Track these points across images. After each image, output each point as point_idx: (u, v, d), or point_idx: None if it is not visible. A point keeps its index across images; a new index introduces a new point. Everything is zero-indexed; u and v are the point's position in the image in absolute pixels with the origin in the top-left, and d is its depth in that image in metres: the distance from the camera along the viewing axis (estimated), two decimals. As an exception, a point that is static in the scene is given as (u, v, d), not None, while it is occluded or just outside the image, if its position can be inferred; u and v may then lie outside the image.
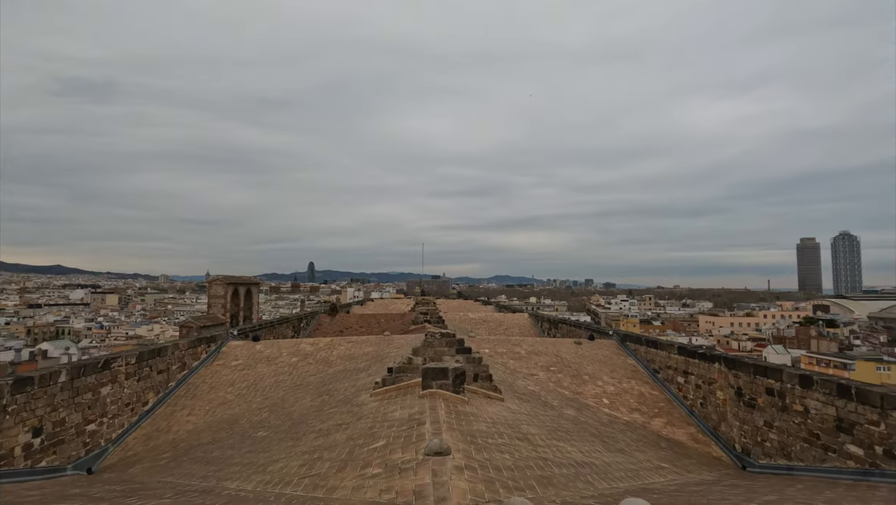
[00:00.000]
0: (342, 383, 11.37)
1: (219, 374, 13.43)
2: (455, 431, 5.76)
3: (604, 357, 15.15)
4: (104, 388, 9.91)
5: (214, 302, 24.20)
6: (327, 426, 7.59)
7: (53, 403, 8.59)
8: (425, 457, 4.60)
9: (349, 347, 15.09)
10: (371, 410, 7.75)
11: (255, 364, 14.01)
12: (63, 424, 8.82)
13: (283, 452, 6.76)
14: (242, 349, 15.09)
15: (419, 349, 9.49)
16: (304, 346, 15.28)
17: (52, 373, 8.62)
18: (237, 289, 24.73)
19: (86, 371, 9.45)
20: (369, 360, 13.52)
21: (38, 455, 8.29)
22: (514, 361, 14.44)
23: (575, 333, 21.13)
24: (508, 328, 27.23)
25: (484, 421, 6.81)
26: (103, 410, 9.90)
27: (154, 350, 11.83)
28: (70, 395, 9.00)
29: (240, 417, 10.49)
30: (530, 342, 16.38)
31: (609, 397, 12.34)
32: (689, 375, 12.13)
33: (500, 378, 11.02)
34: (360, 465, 5.02)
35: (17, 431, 7.81)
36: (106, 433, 9.95)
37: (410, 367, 9.11)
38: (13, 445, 7.78)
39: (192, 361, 13.46)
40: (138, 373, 11.06)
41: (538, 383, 12.51)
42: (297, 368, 13.58)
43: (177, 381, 12.54)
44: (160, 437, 10.48)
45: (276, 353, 14.72)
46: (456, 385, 7.83)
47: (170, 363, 12.35)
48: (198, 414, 11.30)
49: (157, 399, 11.64)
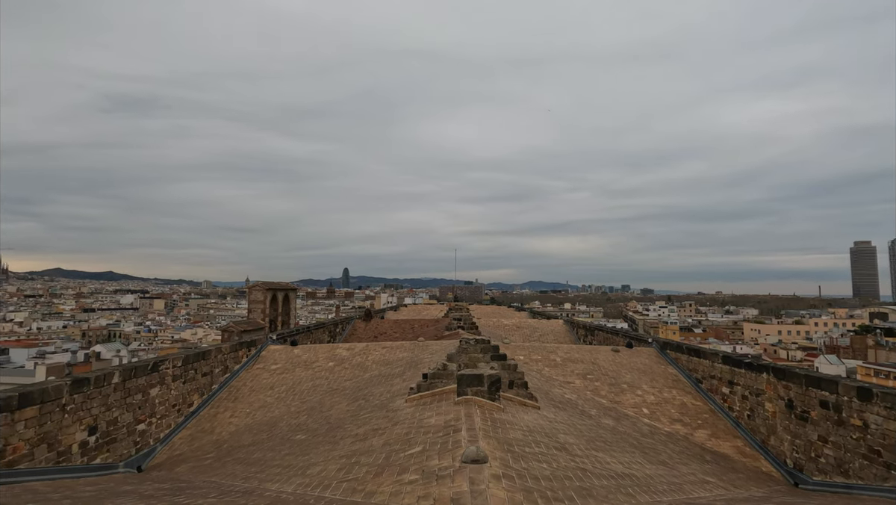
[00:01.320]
0: (377, 388, 11.48)
1: (259, 377, 13.82)
2: (491, 438, 5.72)
3: (643, 365, 14.72)
4: (153, 389, 10.36)
5: (254, 307, 24.96)
6: (364, 431, 7.67)
7: (107, 403, 9.04)
8: (462, 464, 4.58)
9: (384, 353, 15.23)
10: (406, 416, 7.79)
11: (293, 368, 14.33)
12: (116, 424, 9.27)
13: (321, 456, 6.87)
14: (281, 353, 15.48)
15: (454, 355, 9.48)
16: (340, 351, 15.53)
17: (106, 374, 9.09)
18: (276, 294, 25.43)
19: (136, 373, 9.91)
20: (404, 365, 13.60)
21: (93, 452, 8.73)
22: (549, 368, 14.23)
23: (612, 340, 20.63)
24: (543, 335, 26.86)
25: (520, 429, 6.72)
26: (152, 410, 10.34)
27: (199, 353, 12.29)
28: (122, 395, 9.45)
29: (279, 420, 10.74)
30: (566, 349, 16.11)
31: (649, 407, 11.97)
32: (735, 386, 11.62)
33: (535, 386, 10.87)
34: (397, 470, 5.05)
35: (74, 428, 8.26)
36: (154, 433, 10.39)
37: (445, 373, 9.11)
38: (71, 443, 8.22)
39: (234, 365, 13.90)
40: (184, 375, 11.51)
41: (575, 392, 12.27)
42: (334, 373, 13.81)
43: (219, 383, 12.98)
44: (204, 437, 10.85)
45: (314, 357, 15.02)
46: (491, 392, 7.77)
47: (213, 366, 12.80)
48: (239, 416, 11.64)
49: (201, 401, 12.07)
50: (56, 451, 7.91)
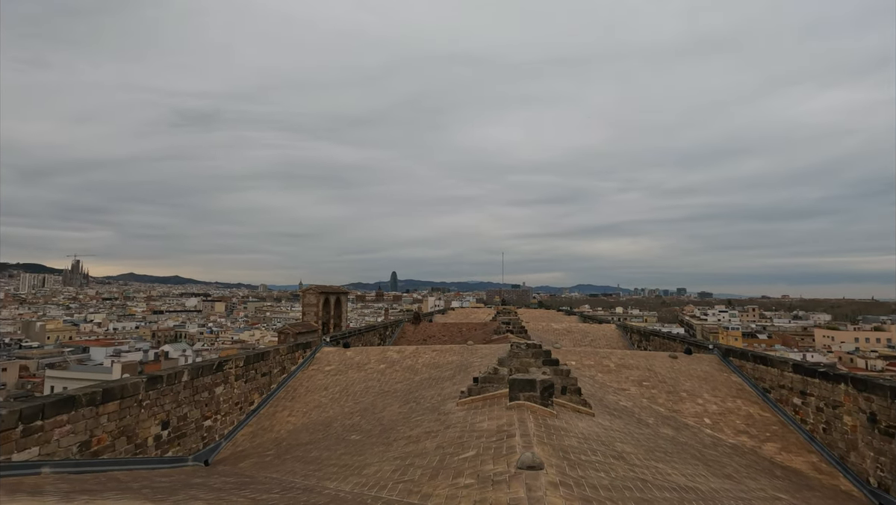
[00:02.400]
0: (428, 391, 11.58)
1: (314, 378, 14.29)
2: (546, 445, 5.63)
3: (704, 373, 14.02)
4: (218, 387, 10.95)
5: (308, 310, 25.81)
6: (416, 433, 7.76)
7: (178, 400, 9.64)
8: (517, 470, 4.53)
9: (433, 356, 15.35)
10: (458, 420, 7.80)
11: (346, 370, 14.72)
12: (185, 419, 9.87)
13: (375, 457, 7.01)
14: (334, 355, 15.93)
15: (505, 360, 9.42)
16: (390, 353, 15.80)
17: (176, 372, 9.70)
18: (328, 298, 26.19)
19: (203, 372, 10.51)
20: (453, 369, 13.65)
21: (166, 446, 9.33)
22: (602, 374, 13.84)
23: (669, 346, 19.80)
24: (594, 340, 26.17)
25: (575, 436, 6.58)
26: (217, 407, 10.93)
27: (258, 354, 12.88)
28: (191, 393, 10.06)
29: (334, 420, 11.06)
30: (620, 355, 15.61)
31: (711, 417, 11.39)
32: (808, 397, 10.84)
33: (588, 392, 10.60)
34: (451, 474, 5.07)
35: (149, 423, 8.87)
36: (219, 429, 10.97)
37: (496, 377, 9.07)
38: (146, 436, 8.83)
39: (291, 366, 14.45)
40: (245, 375, 12.09)
41: (630, 399, 11.86)
42: (385, 375, 14.06)
43: (278, 383, 13.53)
44: (264, 435, 11.34)
45: (365, 359, 15.36)
46: (544, 398, 7.66)
47: (272, 367, 13.36)
48: (296, 415, 12.08)
49: (261, 400, 12.63)
50: (134, 443, 8.51)
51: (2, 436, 6.29)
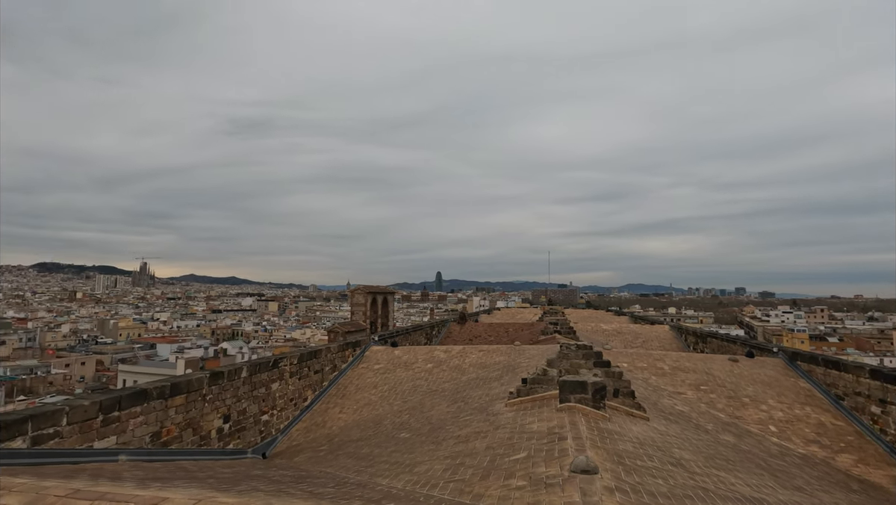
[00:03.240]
0: (476, 391, 11.58)
1: (363, 376, 14.61)
2: (599, 448, 5.50)
3: (768, 378, 13.23)
4: (274, 384, 11.42)
5: (356, 309, 26.42)
6: (465, 433, 7.78)
7: (238, 395, 10.13)
8: (571, 474, 4.45)
9: (480, 356, 15.32)
10: (508, 421, 7.75)
11: (394, 369, 14.95)
12: (244, 414, 10.35)
13: (425, 455, 7.08)
14: (383, 354, 16.22)
15: (554, 361, 9.27)
16: (437, 353, 15.91)
17: (236, 369, 10.20)
18: (375, 298, 26.70)
19: (260, 369, 10.98)
20: (501, 369, 13.57)
21: (227, 438, 9.82)
22: (656, 377, 13.34)
23: (728, 348, 18.82)
24: (646, 341, 25.27)
25: (629, 441, 6.38)
26: (273, 403, 11.39)
27: (311, 352, 13.31)
28: (249, 388, 10.54)
29: (383, 418, 11.26)
30: (674, 357, 14.99)
31: (777, 424, 10.73)
32: (889, 405, 10.00)
33: (642, 395, 10.25)
34: (503, 475, 5.04)
35: (213, 416, 9.37)
36: (276, 424, 11.43)
37: (545, 378, 8.94)
38: (210, 429, 9.33)
39: (341, 364, 14.84)
40: (299, 372, 12.53)
41: (687, 403, 11.37)
42: (433, 374, 14.17)
43: (329, 381, 13.94)
44: (317, 430, 11.71)
45: (413, 358, 15.54)
46: (596, 400, 7.47)
47: (323, 364, 13.78)
48: (347, 412, 12.40)
49: (314, 396, 13.06)
50: (199, 435, 9.02)
51: (85, 425, 6.83)
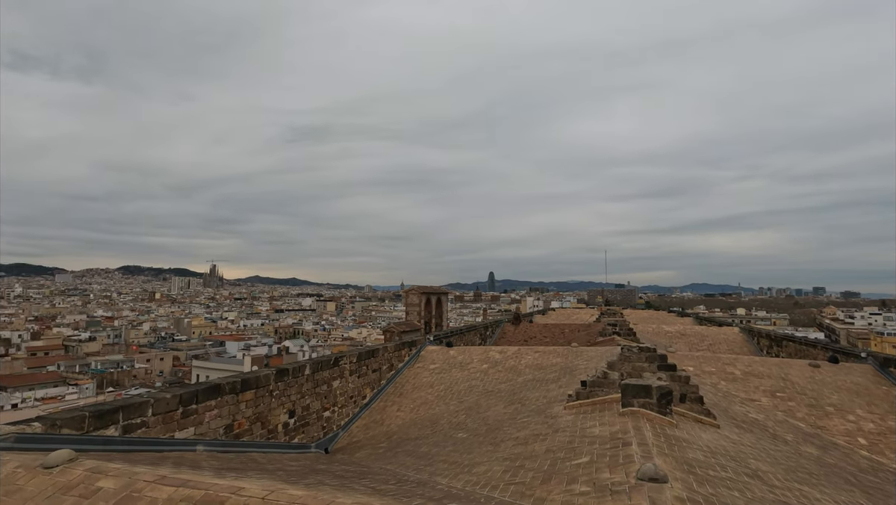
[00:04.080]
0: (533, 393, 11.42)
1: (419, 375, 14.80)
2: (667, 456, 5.26)
3: (854, 385, 12.14)
4: (335, 381, 11.81)
5: (411, 309, 26.81)
6: (524, 435, 7.69)
7: (301, 392, 10.57)
8: (638, 481, 4.28)
9: (536, 357, 15.10)
10: (567, 424, 7.59)
11: (449, 369, 15.04)
12: (308, 410, 10.78)
13: (484, 456, 7.06)
14: (438, 354, 16.36)
15: (615, 363, 8.97)
16: (492, 353, 15.84)
17: (300, 366, 10.64)
18: (429, 298, 26.96)
19: (322, 367, 11.40)
20: (558, 371, 13.31)
21: (292, 433, 10.26)
22: (726, 382, 12.59)
23: (808, 353, 17.44)
24: (713, 344, 23.92)
25: (699, 449, 6.06)
26: (334, 400, 11.78)
27: (369, 351, 13.66)
28: (312, 385, 10.96)
29: (440, 418, 11.36)
30: (746, 361, 14.08)
31: (867, 437, 9.81)
32: None
33: (711, 401, 9.70)
34: (565, 479, 4.94)
35: (279, 411, 9.83)
36: (336, 420, 11.82)
37: (606, 381, 8.67)
38: (276, 423, 9.79)
39: (398, 363, 15.12)
40: (358, 370, 12.89)
41: (761, 411, 10.64)
42: (488, 375, 14.12)
43: (387, 379, 14.24)
44: (376, 428, 11.99)
45: (468, 359, 15.56)
46: (661, 405, 7.16)
47: (381, 363, 14.10)
48: (405, 411, 12.61)
49: (372, 394, 13.38)
50: (267, 428, 9.49)
51: (167, 416, 7.37)
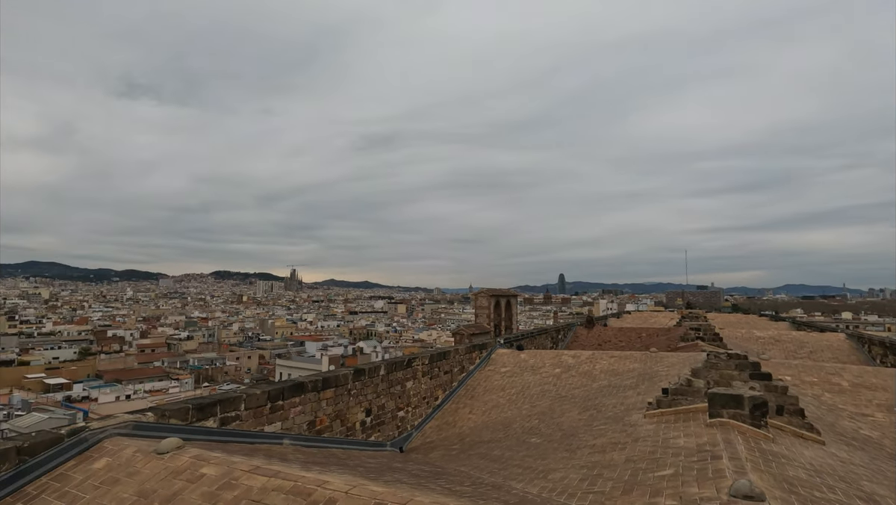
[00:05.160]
0: (609, 399, 11.00)
1: (490, 378, 14.77)
2: (764, 473, 4.85)
3: None
4: (408, 382, 12.10)
5: (480, 312, 26.80)
6: (601, 443, 7.43)
7: (377, 391, 10.94)
8: (731, 498, 4.00)
9: (612, 362, 14.54)
10: (648, 433, 7.23)
11: (521, 372, 14.87)
12: (383, 409, 11.13)
13: (559, 463, 6.91)
14: (509, 357, 16.24)
15: (699, 370, 8.43)
16: (565, 357, 15.46)
17: (376, 367, 11.02)
18: (498, 301, 26.81)
19: (396, 367, 11.73)
20: (636, 377, 12.72)
21: (369, 431, 10.64)
22: (830, 394, 11.39)
23: (932, 363, 15.32)
24: (815, 351, 21.70)
25: (801, 466, 5.53)
26: (408, 400, 12.07)
27: (440, 353, 13.85)
28: (386, 386, 11.31)
29: (512, 421, 11.26)
30: (856, 371, 12.64)
31: None
32: None
33: (813, 415, 8.81)
34: (648, 491, 4.72)
35: (357, 410, 10.24)
36: (410, 420, 12.10)
37: (690, 389, 8.16)
38: (354, 421, 10.20)
39: (469, 365, 15.19)
40: (430, 372, 13.11)
41: (877, 427, 9.50)
42: (561, 380, 13.80)
43: (458, 381, 14.35)
44: (449, 429, 12.13)
45: (540, 363, 15.30)
46: (755, 417, 6.62)
47: (452, 366, 14.24)
48: (476, 413, 12.64)
49: (444, 396, 13.56)
50: (345, 426, 9.92)
51: (257, 411, 7.93)
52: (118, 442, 5.45)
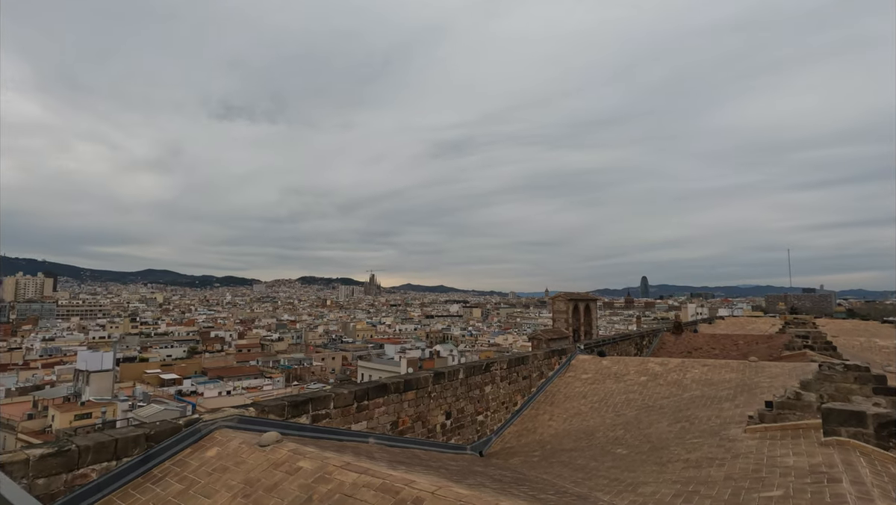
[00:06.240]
0: (702, 411, 10.27)
1: (571, 385, 14.36)
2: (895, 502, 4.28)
3: None
4: (487, 386, 12.11)
5: (557, 317, 26.18)
6: (695, 457, 6.96)
7: (456, 395, 11.05)
8: (855, 527, 3.58)
9: (705, 371, 13.55)
10: (749, 449, 6.66)
11: (603, 379, 14.32)
12: (462, 412, 11.22)
13: (649, 476, 6.57)
14: (590, 363, 15.70)
15: (811, 383, 7.62)
16: (651, 365, 14.66)
17: (454, 370, 11.16)
18: (577, 305, 26.04)
19: (474, 371, 11.78)
20: (733, 388, 11.76)
21: (449, 433, 10.78)
22: (980, 414, 9.76)
23: None
24: (955, 364, 18.72)
25: (944, 497, 4.81)
26: (486, 405, 12.07)
27: (519, 358, 13.70)
28: (465, 389, 11.39)
29: (595, 430, 10.86)
30: None
31: None
32: None
33: (957, 437, 7.62)
34: (753, 513, 4.35)
35: (437, 412, 10.42)
36: (489, 424, 12.08)
37: (799, 404, 7.41)
38: (435, 423, 10.39)
39: (548, 371, 14.88)
40: (509, 377, 13.02)
41: None
42: (647, 388, 13.10)
43: (537, 387, 14.11)
44: (528, 435, 11.95)
45: (623, 370, 14.63)
46: (881, 437, 5.87)
47: (531, 371, 14.03)
48: (557, 421, 12.34)
49: (523, 401, 13.39)
50: (426, 427, 10.12)
51: (345, 410, 8.35)
52: (226, 434, 5.99)
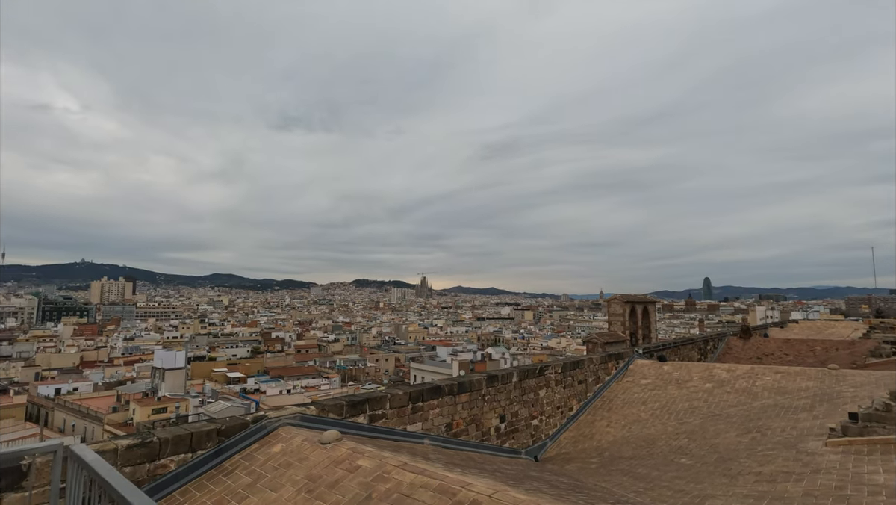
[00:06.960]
0: (776, 421, 9.61)
1: (630, 390, 13.86)
2: None
3: None
4: (541, 390, 11.92)
5: (614, 320, 25.37)
6: (769, 471, 6.52)
7: (510, 398, 10.97)
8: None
9: (777, 379, 12.67)
10: (831, 465, 6.17)
11: (664, 385, 13.72)
12: (516, 416, 11.11)
13: (717, 489, 6.23)
14: (649, 368, 15.09)
15: (902, 394, 6.95)
16: (717, 371, 13.88)
17: (508, 374, 11.07)
18: (634, 307, 25.13)
19: (528, 375, 11.64)
20: (810, 397, 10.92)
21: (503, 437, 10.70)
22: None
23: None
24: None
25: None
26: (541, 409, 11.89)
27: (574, 362, 13.40)
28: (519, 393, 11.28)
29: (657, 438, 10.42)
30: None
31: None
32: None
33: None
34: (837, 533, 4.03)
35: (491, 415, 10.38)
36: (544, 429, 11.89)
37: (889, 416, 6.78)
38: (489, 426, 10.35)
39: (605, 376, 14.45)
40: (563, 381, 12.75)
41: None
42: (713, 396, 12.42)
43: (594, 392, 13.74)
44: (585, 442, 11.65)
45: (686, 376, 13.96)
46: None
47: (587, 375, 13.68)
48: (615, 427, 11.95)
49: (579, 406, 13.07)
50: (481, 430, 10.11)
51: (400, 410, 8.50)
52: (289, 431, 6.27)
